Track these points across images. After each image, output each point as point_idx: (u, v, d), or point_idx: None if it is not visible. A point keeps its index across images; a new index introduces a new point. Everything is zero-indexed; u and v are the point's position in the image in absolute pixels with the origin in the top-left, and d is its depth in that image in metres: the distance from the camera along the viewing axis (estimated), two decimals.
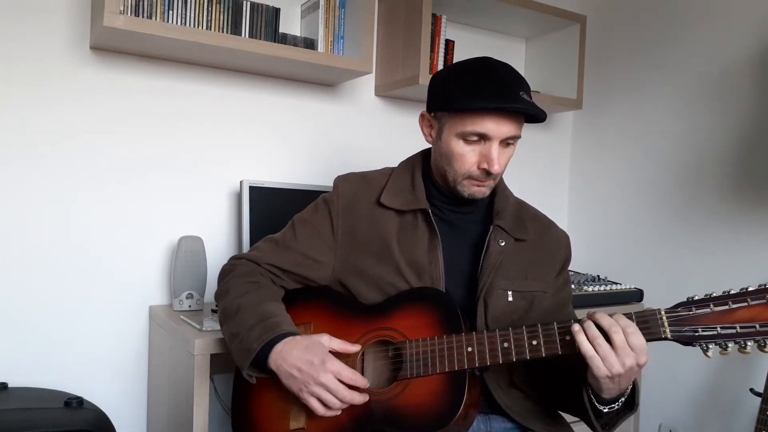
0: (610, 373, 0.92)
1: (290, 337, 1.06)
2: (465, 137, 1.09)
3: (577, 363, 0.98)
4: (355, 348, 1.09)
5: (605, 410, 1.01)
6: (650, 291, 2.12)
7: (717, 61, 2.07)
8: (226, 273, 1.26)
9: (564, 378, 1.10)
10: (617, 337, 0.91)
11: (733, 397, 1.98)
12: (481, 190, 1.15)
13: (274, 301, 1.16)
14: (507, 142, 1.11)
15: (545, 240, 1.25)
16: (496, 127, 1.07)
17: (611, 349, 0.92)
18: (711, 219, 2.07)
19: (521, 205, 1.29)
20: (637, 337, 0.92)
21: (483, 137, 1.09)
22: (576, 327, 0.95)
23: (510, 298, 1.16)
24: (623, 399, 1.01)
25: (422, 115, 1.20)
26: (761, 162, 1.94)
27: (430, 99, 1.19)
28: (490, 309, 1.14)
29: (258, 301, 1.14)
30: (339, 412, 1.04)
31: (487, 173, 1.11)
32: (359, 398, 1.03)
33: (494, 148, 1.09)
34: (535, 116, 1.08)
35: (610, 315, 0.95)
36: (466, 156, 1.11)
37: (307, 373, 1.02)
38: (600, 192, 2.49)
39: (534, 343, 1.00)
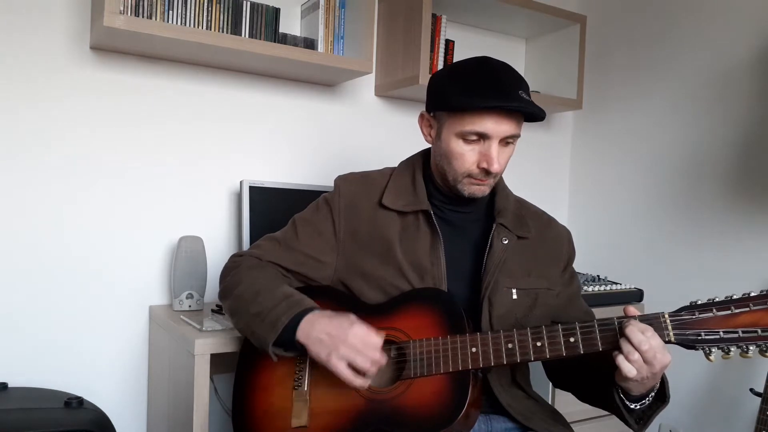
0: (639, 378, 0.94)
1: (317, 311, 1.08)
2: (464, 137, 1.10)
3: (604, 364, 1.01)
4: (379, 336, 1.06)
5: (636, 407, 1.03)
6: (650, 291, 2.12)
7: (717, 61, 2.07)
8: (230, 269, 1.25)
9: (593, 378, 1.11)
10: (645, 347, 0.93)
11: (733, 398, 1.98)
12: (481, 189, 1.15)
13: (290, 287, 1.16)
14: (506, 141, 1.11)
15: (547, 237, 1.25)
16: (495, 126, 1.07)
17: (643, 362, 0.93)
18: (711, 218, 2.07)
19: (521, 203, 1.29)
20: (656, 339, 0.94)
21: (482, 136, 1.09)
22: (621, 359, 0.94)
23: (515, 296, 1.16)
24: (653, 394, 1.02)
25: (422, 115, 1.21)
26: (762, 162, 1.94)
27: (429, 99, 1.19)
28: (495, 307, 1.14)
29: (276, 285, 1.15)
30: (366, 385, 1.03)
31: (487, 172, 1.11)
32: (384, 361, 1.03)
33: (494, 147, 1.09)
34: (534, 115, 1.08)
35: (622, 318, 0.97)
36: (466, 155, 1.11)
37: (336, 335, 1.02)
38: (600, 192, 2.49)
39: (538, 344, 1.01)
